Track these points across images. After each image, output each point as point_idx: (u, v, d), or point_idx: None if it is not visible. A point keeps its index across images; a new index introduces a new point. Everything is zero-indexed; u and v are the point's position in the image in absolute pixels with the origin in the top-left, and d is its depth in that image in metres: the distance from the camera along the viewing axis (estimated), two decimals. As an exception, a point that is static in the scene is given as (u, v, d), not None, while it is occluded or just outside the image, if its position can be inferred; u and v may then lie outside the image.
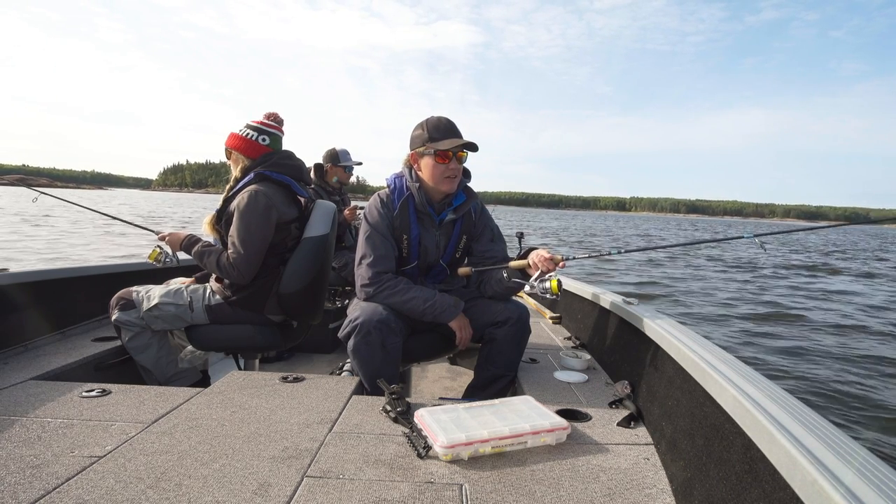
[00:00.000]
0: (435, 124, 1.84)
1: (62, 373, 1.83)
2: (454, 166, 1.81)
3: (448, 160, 1.80)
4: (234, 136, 2.06)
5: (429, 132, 1.82)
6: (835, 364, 4.97)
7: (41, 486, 1.04)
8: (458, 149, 1.79)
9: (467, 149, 1.82)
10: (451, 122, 1.85)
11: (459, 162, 1.83)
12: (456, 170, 1.82)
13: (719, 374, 1.13)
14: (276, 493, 1.05)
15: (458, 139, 1.81)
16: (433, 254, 1.95)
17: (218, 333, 2.04)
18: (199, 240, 2.10)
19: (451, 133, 1.82)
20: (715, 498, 0.98)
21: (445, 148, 1.78)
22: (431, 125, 1.84)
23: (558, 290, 1.64)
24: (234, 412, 1.47)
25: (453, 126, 1.84)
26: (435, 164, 1.81)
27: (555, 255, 1.71)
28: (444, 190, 1.85)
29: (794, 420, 0.87)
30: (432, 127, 1.83)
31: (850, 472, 0.70)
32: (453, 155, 1.80)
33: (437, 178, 1.83)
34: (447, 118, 1.86)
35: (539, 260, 1.70)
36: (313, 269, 2.06)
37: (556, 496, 1.09)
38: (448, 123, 1.84)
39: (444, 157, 1.79)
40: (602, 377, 1.96)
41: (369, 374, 1.72)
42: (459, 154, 1.82)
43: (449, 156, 1.79)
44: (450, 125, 1.84)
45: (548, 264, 1.68)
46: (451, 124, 1.84)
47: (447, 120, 1.85)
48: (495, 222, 2.08)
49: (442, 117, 1.85)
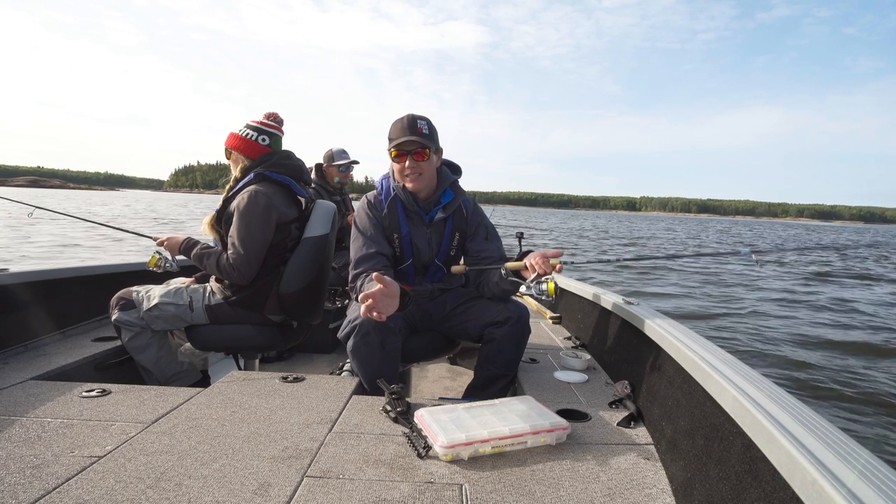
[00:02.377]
0: (394, 123, 1.83)
1: (62, 373, 1.83)
2: (410, 164, 1.80)
3: (404, 159, 1.80)
4: (234, 136, 2.06)
5: (389, 133, 1.83)
6: (835, 364, 4.97)
7: (41, 486, 1.04)
8: (398, 145, 1.78)
9: (409, 145, 1.79)
10: (410, 119, 1.81)
11: (417, 160, 1.80)
12: (412, 167, 1.80)
13: (719, 374, 1.14)
14: (276, 493, 1.05)
15: (402, 136, 1.79)
16: (427, 252, 1.95)
17: (218, 333, 2.04)
18: (198, 242, 2.10)
19: (402, 132, 1.80)
20: (715, 498, 0.98)
21: (394, 147, 1.80)
22: (392, 125, 1.83)
23: (555, 293, 1.63)
24: (234, 412, 1.47)
25: (409, 124, 1.80)
26: (393, 163, 1.84)
27: (551, 258, 1.71)
28: (409, 188, 1.86)
29: (794, 420, 0.87)
30: (392, 127, 1.83)
31: (850, 472, 0.70)
32: (408, 153, 1.79)
33: (399, 177, 1.85)
34: (410, 116, 1.82)
35: (535, 262, 1.69)
36: (313, 269, 2.06)
37: (556, 496, 1.09)
38: (404, 122, 1.81)
39: (400, 156, 1.80)
40: (602, 377, 1.96)
41: (369, 374, 1.72)
42: (416, 153, 1.79)
43: (404, 154, 1.79)
44: (404, 123, 1.81)
45: (545, 266, 1.68)
46: (408, 122, 1.80)
47: (408, 117, 1.82)
48: (490, 220, 2.08)
49: (405, 116, 1.83)
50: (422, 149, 1.80)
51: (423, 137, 1.79)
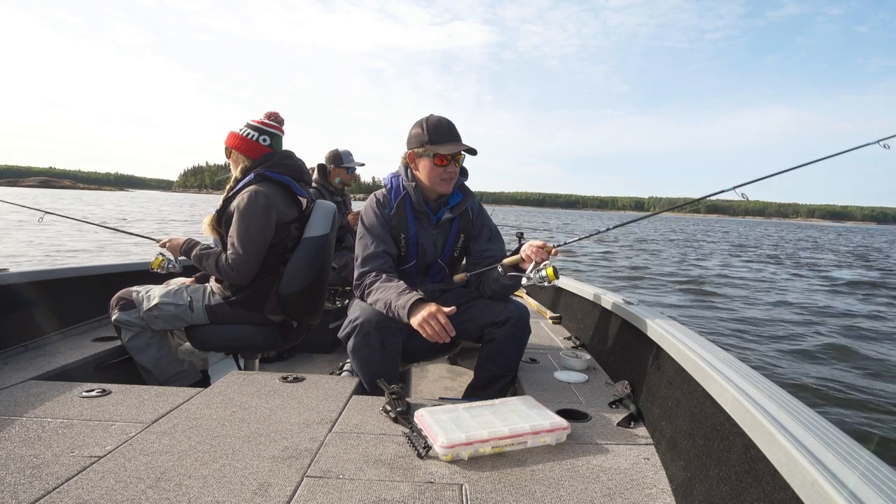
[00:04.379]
0: (435, 125, 1.83)
1: (62, 373, 1.83)
2: (452, 169, 1.82)
3: (447, 163, 1.80)
4: (235, 136, 2.05)
5: (428, 134, 1.81)
6: (835, 363, 4.97)
7: (41, 486, 1.04)
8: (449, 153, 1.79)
9: (467, 153, 1.83)
10: (451, 123, 1.84)
11: (458, 165, 1.83)
12: (454, 173, 1.83)
13: (719, 374, 1.13)
14: (276, 493, 1.05)
15: (458, 144, 1.81)
16: (431, 253, 1.95)
17: (218, 333, 2.04)
18: (198, 243, 2.10)
19: (452, 137, 1.82)
20: (715, 498, 0.98)
21: (445, 153, 1.78)
22: (431, 126, 1.83)
23: (555, 277, 1.63)
24: (234, 412, 1.47)
25: (453, 129, 1.83)
26: (433, 167, 1.81)
27: (546, 244, 1.72)
28: (440, 191, 1.86)
29: (794, 420, 0.87)
30: (432, 128, 1.82)
31: (850, 472, 0.70)
32: (452, 158, 1.80)
33: (434, 180, 1.83)
34: (447, 119, 1.85)
35: (531, 251, 1.70)
36: (313, 269, 2.06)
37: (556, 496, 1.09)
38: (448, 125, 1.83)
39: (443, 160, 1.80)
40: (602, 377, 1.96)
41: (369, 374, 1.72)
42: (458, 157, 1.82)
43: (448, 159, 1.80)
44: (450, 127, 1.83)
45: (541, 254, 1.69)
46: (451, 127, 1.84)
47: (447, 122, 1.84)
48: (493, 221, 2.08)
49: (442, 118, 1.85)
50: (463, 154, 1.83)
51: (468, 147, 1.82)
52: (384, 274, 1.80)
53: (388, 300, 1.69)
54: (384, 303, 1.71)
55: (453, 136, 1.82)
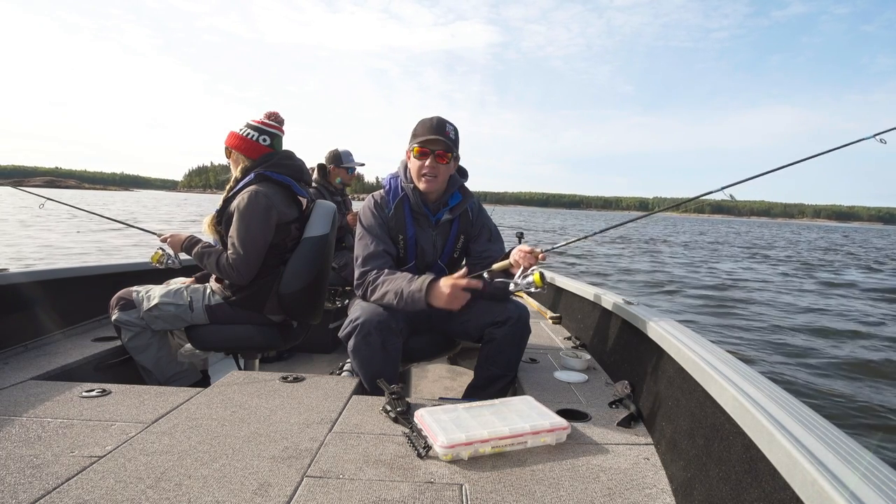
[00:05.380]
0: (423, 122, 1.84)
1: (62, 373, 1.83)
2: (431, 165, 1.79)
3: (425, 158, 1.79)
4: (235, 136, 2.05)
5: (415, 129, 1.83)
6: (835, 363, 4.97)
7: (41, 486, 1.04)
8: (424, 142, 1.78)
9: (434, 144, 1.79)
10: (441, 121, 1.83)
11: (439, 162, 1.80)
12: (432, 168, 1.80)
13: (719, 374, 1.13)
14: (276, 493, 1.05)
15: (432, 134, 1.79)
16: (430, 254, 1.95)
17: (218, 333, 2.04)
18: (200, 241, 2.10)
19: (431, 130, 1.80)
20: (715, 498, 0.98)
21: (418, 143, 1.78)
22: (420, 122, 1.84)
23: (542, 284, 1.62)
24: (234, 412, 1.47)
25: (439, 125, 1.82)
26: (412, 160, 1.83)
27: (534, 249, 1.71)
28: (420, 189, 1.84)
29: (794, 420, 0.87)
30: (420, 124, 1.83)
31: (850, 472, 0.70)
32: (431, 153, 1.79)
33: (416, 175, 1.83)
34: (440, 118, 1.84)
35: (520, 256, 1.70)
36: (313, 269, 2.06)
37: (556, 496, 1.09)
38: (435, 121, 1.82)
39: (422, 150, 1.79)
40: (602, 377, 1.96)
41: (369, 374, 1.72)
42: (439, 155, 1.79)
43: (428, 152, 1.78)
44: (433, 123, 1.82)
45: (529, 259, 1.68)
46: (437, 122, 1.82)
47: (437, 119, 1.84)
48: (493, 222, 2.08)
49: (434, 117, 1.85)
50: (446, 151, 1.80)
51: (449, 140, 1.80)
52: (386, 269, 1.80)
53: (400, 289, 1.69)
54: (394, 293, 1.69)
55: (433, 130, 1.81)
